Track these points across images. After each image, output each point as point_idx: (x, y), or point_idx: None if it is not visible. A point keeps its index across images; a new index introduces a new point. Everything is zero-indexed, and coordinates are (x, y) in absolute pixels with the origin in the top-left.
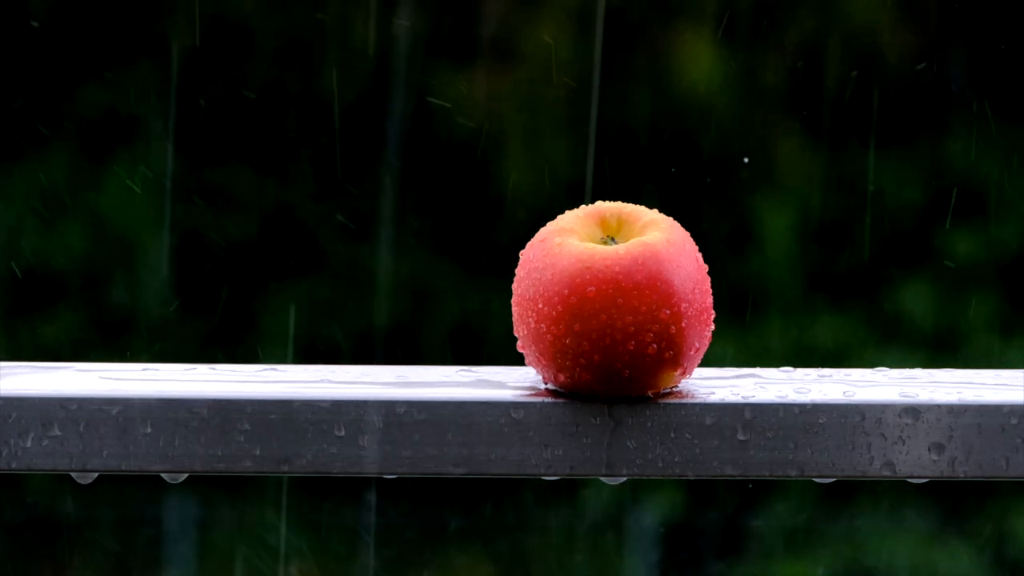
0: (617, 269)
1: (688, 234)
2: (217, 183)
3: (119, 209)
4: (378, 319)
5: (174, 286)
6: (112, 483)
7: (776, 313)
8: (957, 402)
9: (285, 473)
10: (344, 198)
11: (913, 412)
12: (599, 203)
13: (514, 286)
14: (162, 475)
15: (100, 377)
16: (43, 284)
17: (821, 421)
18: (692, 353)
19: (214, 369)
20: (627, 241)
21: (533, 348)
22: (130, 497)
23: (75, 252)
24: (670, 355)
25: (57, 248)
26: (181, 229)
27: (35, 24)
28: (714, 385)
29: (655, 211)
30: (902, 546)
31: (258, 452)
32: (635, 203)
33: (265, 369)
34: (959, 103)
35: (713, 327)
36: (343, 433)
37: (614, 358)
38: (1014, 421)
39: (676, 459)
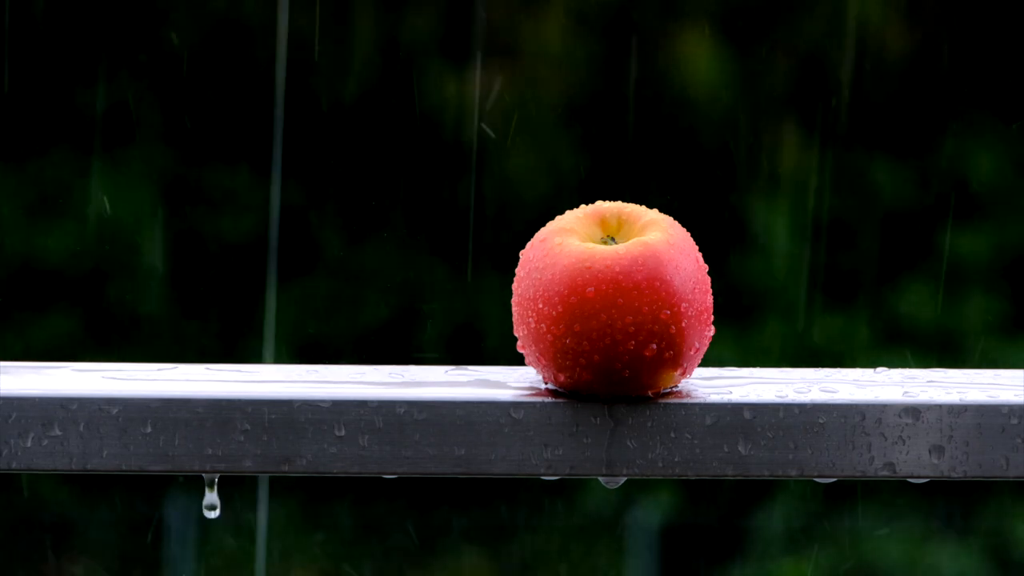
0: (617, 269)
1: (688, 234)
2: (216, 183)
3: (118, 208)
4: (378, 319)
5: (173, 286)
6: (112, 483)
7: (776, 313)
8: (957, 402)
9: (285, 473)
10: (344, 198)
11: (913, 412)
12: (599, 203)
13: (514, 286)
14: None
15: (100, 377)
16: (40, 283)
17: (821, 421)
18: (692, 353)
19: (213, 369)
20: (627, 241)
21: (533, 348)
22: (130, 497)
23: (73, 251)
24: (670, 355)
25: (54, 246)
26: (180, 229)
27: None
28: (714, 385)
29: (655, 211)
30: (902, 546)
31: (258, 452)
32: (635, 203)
33: (265, 369)
34: (960, 103)
35: (713, 328)
36: (343, 433)
37: (614, 358)
38: (1014, 421)
39: (676, 459)
